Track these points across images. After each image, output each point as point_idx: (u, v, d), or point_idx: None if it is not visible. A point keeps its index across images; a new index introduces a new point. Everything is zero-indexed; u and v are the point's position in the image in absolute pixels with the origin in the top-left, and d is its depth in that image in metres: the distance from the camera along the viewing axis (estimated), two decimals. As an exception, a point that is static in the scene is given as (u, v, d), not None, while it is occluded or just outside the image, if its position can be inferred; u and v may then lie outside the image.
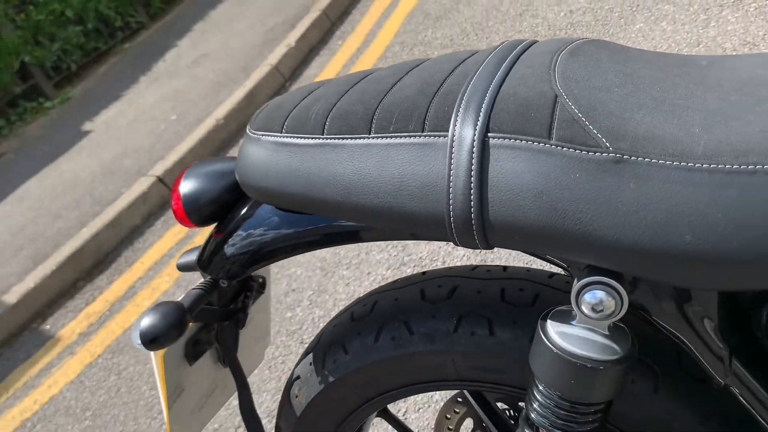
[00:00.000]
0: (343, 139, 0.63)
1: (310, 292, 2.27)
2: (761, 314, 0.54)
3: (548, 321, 0.60)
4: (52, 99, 5.28)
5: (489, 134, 0.56)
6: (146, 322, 0.76)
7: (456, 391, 1.01)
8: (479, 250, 1.92)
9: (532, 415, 0.63)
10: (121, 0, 5.83)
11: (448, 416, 1.04)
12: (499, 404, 0.98)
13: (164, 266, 2.88)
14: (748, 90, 0.55)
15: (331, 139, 0.64)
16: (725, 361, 0.57)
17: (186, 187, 0.81)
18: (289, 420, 0.93)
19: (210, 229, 0.87)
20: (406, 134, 0.60)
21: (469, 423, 1.02)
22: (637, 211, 0.51)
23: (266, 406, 1.90)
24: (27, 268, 3.04)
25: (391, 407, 1.69)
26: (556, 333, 0.59)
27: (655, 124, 0.53)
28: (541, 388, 0.62)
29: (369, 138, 0.62)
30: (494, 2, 3.55)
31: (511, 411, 1.00)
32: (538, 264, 1.73)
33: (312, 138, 0.66)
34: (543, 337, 0.59)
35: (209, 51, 4.76)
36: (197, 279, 2.57)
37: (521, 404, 0.96)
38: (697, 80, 0.58)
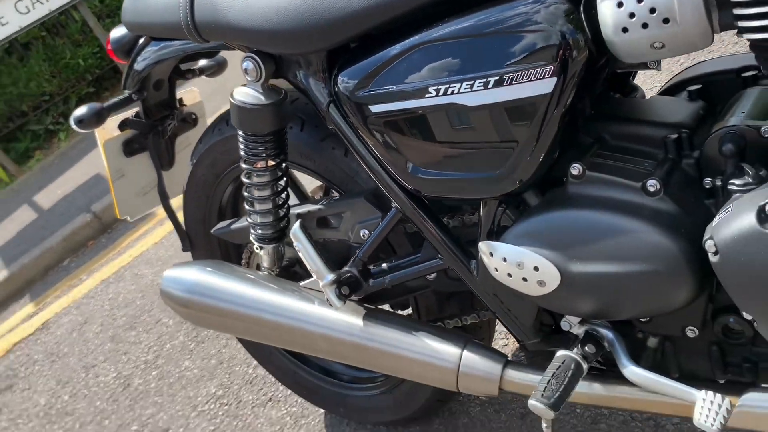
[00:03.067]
0: None
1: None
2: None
3: (236, 89, 0.99)
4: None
5: None
6: (77, 111, 1.23)
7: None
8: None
9: (242, 154, 1.03)
10: None
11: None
12: None
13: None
14: None
15: None
16: (325, 108, 0.93)
17: (114, 33, 1.26)
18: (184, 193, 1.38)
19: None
20: None
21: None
22: (248, 8, 0.89)
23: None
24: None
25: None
26: (237, 93, 0.98)
27: None
28: (239, 132, 1.01)
29: None
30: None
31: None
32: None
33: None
34: (230, 98, 0.98)
35: None
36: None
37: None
38: None
